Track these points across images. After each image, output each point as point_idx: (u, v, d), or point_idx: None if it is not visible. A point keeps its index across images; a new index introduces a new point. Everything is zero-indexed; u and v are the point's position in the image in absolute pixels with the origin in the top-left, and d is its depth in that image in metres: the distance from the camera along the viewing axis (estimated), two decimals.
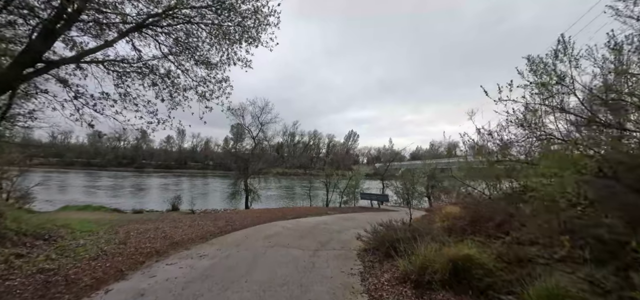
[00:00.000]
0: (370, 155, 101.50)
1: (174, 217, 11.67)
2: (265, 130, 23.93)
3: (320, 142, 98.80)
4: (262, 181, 25.94)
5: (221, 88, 9.03)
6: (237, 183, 24.69)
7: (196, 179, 66.38)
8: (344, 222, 10.85)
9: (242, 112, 22.96)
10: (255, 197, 24.53)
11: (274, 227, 9.26)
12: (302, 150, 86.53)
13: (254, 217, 11.58)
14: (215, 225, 9.51)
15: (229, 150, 26.64)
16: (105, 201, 33.23)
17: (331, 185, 25.94)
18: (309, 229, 9.15)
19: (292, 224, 10.14)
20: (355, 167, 31.94)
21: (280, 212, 13.83)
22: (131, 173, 73.44)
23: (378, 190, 27.13)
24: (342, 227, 9.68)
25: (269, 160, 27.80)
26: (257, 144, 24.03)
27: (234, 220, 10.90)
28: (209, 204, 32.42)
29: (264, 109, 23.20)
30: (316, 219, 11.67)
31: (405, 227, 6.86)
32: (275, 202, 32.74)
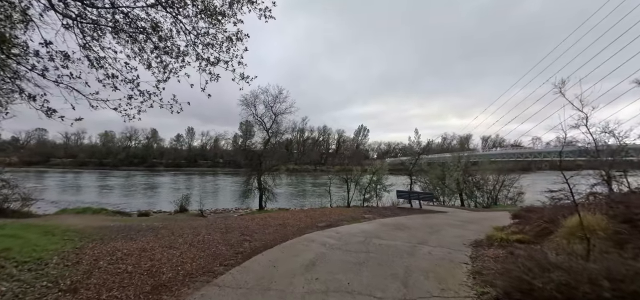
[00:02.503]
0: (380, 150, 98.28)
1: (175, 228, 8.82)
2: (280, 121, 20.96)
3: (329, 137, 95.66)
4: (275, 178, 23.06)
5: (230, 48, 6.17)
6: (249, 181, 21.86)
7: (206, 176, 64.04)
8: (396, 233, 7.86)
9: (253, 100, 20.07)
10: (269, 196, 21.68)
11: (310, 246, 6.29)
12: (311, 146, 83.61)
13: (276, 226, 8.65)
14: (226, 242, 6.59)
15: (239, 147, 23.77)
16: (114, 201, 30.84)
17: (352, 182, 22.92)
18: (359, 247, 6.18)
19: (332, 237, 7.17)
20: (378, 162, 28.83)
21: (307, 216, 10.89)
22: (142, 172, 71.56)
23: (404, 186, 24.02)
24: (401, 241, 6.69)
25: (282, 156, 24.90)
26: (270, 136, 21.11)
27: (251, 230, 7.99)
28: (220, 203, 29.72)
29: (277, 98, 20.26)
30: (356, 227, 8.70)
31: (568, 260, 3.79)
32: (288, 201, 29.88)
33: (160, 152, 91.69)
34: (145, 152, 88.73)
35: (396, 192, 17.39)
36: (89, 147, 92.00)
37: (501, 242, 6.14)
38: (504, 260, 5.11)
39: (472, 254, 5.70)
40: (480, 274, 4.61)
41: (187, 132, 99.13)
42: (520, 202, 22.79)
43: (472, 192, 22.70)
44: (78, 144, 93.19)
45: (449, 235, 7.52)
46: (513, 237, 6.14)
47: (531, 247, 5.74)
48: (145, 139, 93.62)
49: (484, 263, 5.05)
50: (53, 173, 65.82)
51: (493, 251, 5.72)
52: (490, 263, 5.00)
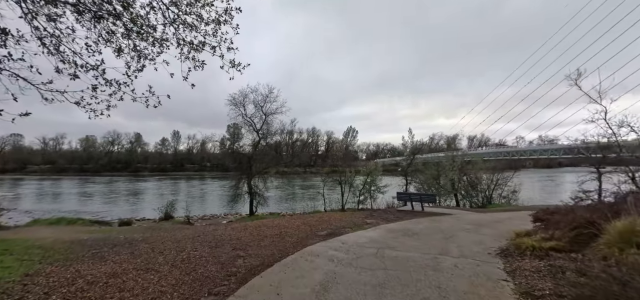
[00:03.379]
0: (369, 151, 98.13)
1: (157, 241, 7.67)
2: (270, 121, 19.87)
3: (318, 139, 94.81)
4: (266, 182, 21.93)
5: (218, 29, 5.17)
6: (238, 185, 20.66)
7: (193, 181, 61.98)
8: (408, 241, 7.00)
9: (242, 99, 18.92)
10: (260, 201, 20.53)
11: (316, 262, 5.32)
12: (301, 148, 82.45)
13: (272, 237, 7.63)
14: (215, 259, 5.54)
15: (227, 150, 22.54)
16: (95, 209, 28.87)
17: (346, 184, 22.07)
18: (374, 263, 5.26)
19: (338, 249, 6.23)
20: (372, 163, 28.08)
21: (304, 223, 9.89)
22: (126, 177, 68.67)
23: (399, 187, 23.35)
24: (418, 252, 5.82)
25: (273, 158, 23.76)
26: (261, 137, 19.99)
27: (245, 243, 6.95)
28: (208, 208, 28.25)
29: (268, 97, 19.18)
30: (362, 235, 7.79)
31: None
32: (278, 205, 28.72)
33: (144, 157, 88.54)
34: (128, 157, 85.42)
35: (396, 194, 16.61)
36: (68, 153, 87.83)
37: (534, 250, 5.34)
38: (549, 274, 4.30)
39: (506, 267, 4.87)
40: (532, 295, 3.76)
41: (173, 135, 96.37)
42: (514, 201, 22.48)
43: (467, 191, 22.21)
44: (57, 149, 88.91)
45: (467, 243, 6.70)
46: (546, 245, 5.36)
47: (572, 256, 4.97)
48: (128, 144, 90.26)
49: (527, 280, 4.22)
50: (30, 180, 62.18)
51: (529, 263, 4.91)
52: (535, 280, 4.17)
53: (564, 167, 76.14)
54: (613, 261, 4.35)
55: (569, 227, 5.73)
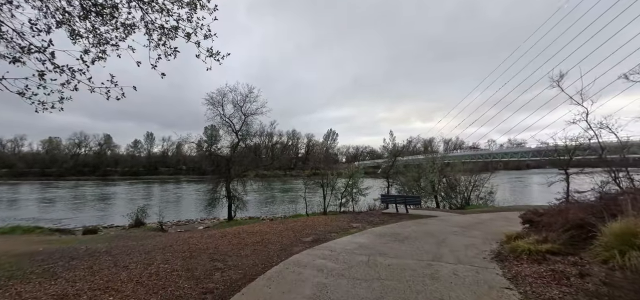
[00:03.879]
0: (349, 153, 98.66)
1: (122, 252, 6.83)
2: (250, 122, 19.08)
3: (299, 142, 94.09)
4: (246, 185, 21.03)
5: (192, 16, 4.58)
6: (216, 188, 19.66)
7: (167, 185, 59.26)
8: (399, 246, 6.66)
9: (221, 99, 18.02)
10: (239, 205, 19.64)
11: (304, 274, 4.80)
12: (280, 150, 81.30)
13: (254, 245, 7.01)
14: (189, 274, 4.87)
15: (205, 153, 21.46)
16: (57, 216, 26.51)
17: (328, 186, 21.63)
18: (367, 272, 4.82)
19: (326, 257, 5.74)
20: (354, 165, 27.91)
21: (287, 228, 9.32)
22: (94, 182, 64.45)
23: (380, 189, 23.26)
24: (412, 258, 5.46)
25: (253, 160, 22.89)
26: (240, 139, 19.15)
27: (223, 252, 6.29)
28: (183, 213, 26.76)
29: (247, 97, 18.39)
30: (349, 241, 7.35)
31: None
32: (258, 209, 27.81)
33: (115, 160, 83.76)
34: (97, 160, 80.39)
35: (380, 196, 16.38)
36: (29, 156, 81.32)
37: (530, 254, 5.12)
38: (553, 280, 4.04)
39: (505, 273, 4.59)
40: None
41: (146, 137, 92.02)
42: (490, 202, 23.04)
43: (447, 193, 22.48)
44: (15, 152, 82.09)
45: (459, 246, 6.44)
46: (542, 248, 5.15)
47: (570, 259, 4.78)
48: (97, 146, 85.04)
49: (532, 287, 3.93)
50: None
51: (529, 268, 4.66)
52: (541, 287, 3.89)
53: (531, 169, 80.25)
54: (615, 265, 4.18)
55: (562, 229, 5.59)
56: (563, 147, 25.06)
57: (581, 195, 5.45)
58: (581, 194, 5.41)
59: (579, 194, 5.55)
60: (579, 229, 5.37)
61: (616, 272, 4.06)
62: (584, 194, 5.55)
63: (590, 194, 6.77)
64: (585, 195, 6.02)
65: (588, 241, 5.12)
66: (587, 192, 5.43)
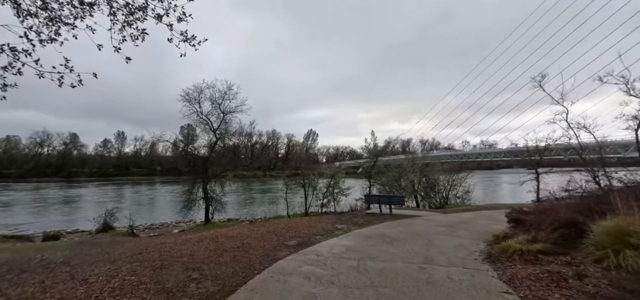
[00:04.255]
0: (329, 153, 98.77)
1: (83, 262, 6.07)
2: (229, 121, 18.27)
3: (279, 142, 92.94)
4: (222, 185, 20.14)
5: None
6: (192, 190, 18.68)
7: (140, 186, 56.45)
8: (387, 248, 6.40)
9: (198, 95, 17.10)
10: (217, 207, 18.78)
11: (290, 283, 4.37)
12: (260, 150, 79.86)
13: (234, 250, 6.48)
14: (159, 287, 4.30)
15: (181, 152, 20.38)
16: (16, 221, 24.24)
17: (309, 187, 21.23)
18: (358, 279, 4.48)
19: (313, 262, 5.34)
20: (336, 165, 27.71)
21: (269, 231, 8.81)
22: (58, 184, 60.08)
23: (362, 189, 23.14)
24: (402, 262, 5.19)
25: (232, 160, 22.01)
26: (218, 138, 18.30)
27: (199, 260, 5.73)
28: (157, 216, 25.34)
29: (226, 94, 17.59)
30: (335, 244, 7.00)
31: None
32: (237, 210, 26.87)
33: (81, 160, 78.70)
34: (61, 161, 75.12)
35: (364, 196, 16.19)
36: None
37: (522, 254, 4.99)
38: (551, 282, 3.87)
39: (500, 276, 4.40)
40: None
41: (117, 136, 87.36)
42: (468, 201, 23.59)
43: (427, 192, 22.76)
44: None
45: (448, 247, 6.25)
46: (533, 248, 5.04)
47: (563, 259, 4.68)
48: (62, 145, 79.55)
49: (531, 291, 3.73)
50: None
51: (523, 269, 4.50)
52: (540, 291, 3.70)
53: (501, 168, 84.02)
54: (611, 265, 4.10)
55: (551, 228, 5.53)
56: (534, 148, 26.20)
57: (570, 192, 5.47)
58: (569, 192, 5.43)
59: (567, 192, 5.57)
60: (568, 228, 5.32)
61: (612, 272, 3.98)
62: (568, 191, 5.57)
63: (565, 192, 6.83)
64: (565, 193, 6.04)
65: (578, 240, 5.06)
66: (568, 190, 5.46)
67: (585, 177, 8.01)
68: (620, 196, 4.93)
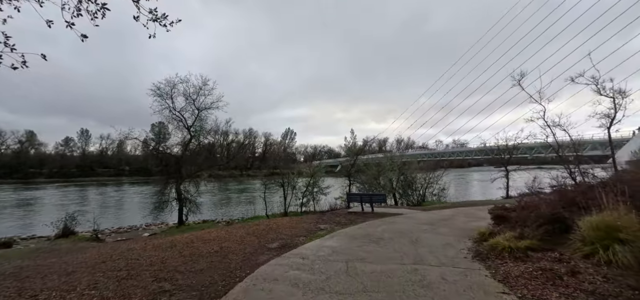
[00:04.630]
0: (307, 153, 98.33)
1: (36, 273, 5.30)
2: (204, 117, 17.35)
3: (256, 141, 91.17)
4: (197, 185, 19.13)
5: None
6: (164, 190, 17.59)
7: (107, 187, 53.00)
8: (375, 249, 6.17)
9: (170, 90, 16.04)
10: (191, 208, 17.82)
11: (276, 290, 3.97)
12: (237, 150, 77.87)
13: (211, 255, 5.95)
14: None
15: (152, 151, 19.14)
16: None
17: (289, 186, 20.77)
18: (350, 284, 4.17)
19: (299, 267, 4.97)
20: (316, 163, 27.41)
21: (249, 233, 8.31)
22: (12, 185, 54.99)
23: (342, 188, 23.04)
24: (393, 262, 4.97)
25: (207, 160, 20.99)
26: (193, 135, 17.34)
27: (172, 267, 5.16)
28: (126, 219, 23.70)
29: (201, 90, 16.67)
30: (320, 245, 6.68)
31: None
32: (213, 211, 25.81)
33: (40, 160, 72.62)
34: (16, 160, 68.82)
35: (346, 195, 15.98)
36: None
37: (511, 251, 4.92)
38: (546, 280, 3.77)
39: (494, 274, 4.27)
40: None
41: (80, 134, 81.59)
42: (443, 198, 24.17)
43: (405, 190, 23.02)
44: None
45: (435, 246, 6.12)
46: (521, 245, 4.99)
47: (552, 256, 4.65)
48: (16, 144, 72.95)
49: (529, 290, 3.60)
50: None
51: (515, 267, 4.41)
52: (537, 290, 3.57)
53: (472, 167, 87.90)
54: (601, 260, 4.09)
55: (535, 224, 5.54)
56: (504, 147, 27.36)
57: (554, 187, 5.56)
58: (554, 187, 5.52)
59: (553, 187, 5.66)
60: (553, 223, 5.34)
61: (603, 268, 3.96)
62: (553, 187, 5.67)
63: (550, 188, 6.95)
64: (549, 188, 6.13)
65: (563, 235, 5.08)
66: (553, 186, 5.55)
67: (561, 173, 8.27)
68: (600, 192, 4.99)
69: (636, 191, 4.51)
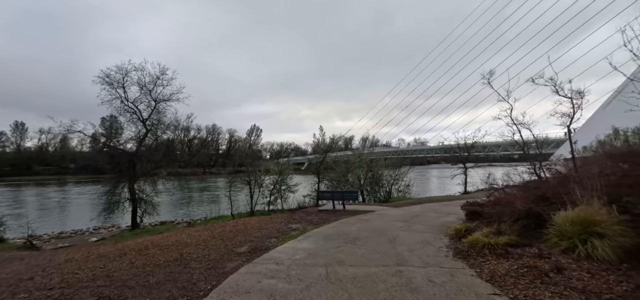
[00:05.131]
0: (273, 150, 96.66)
1: None
2: (163, 110, 15.83)
3: (219, 137, 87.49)
4: (154, 184, 17.48)
5: None
6: (116, 190, 15.82)
7: (48, 187, 47.24)
8: (353, 250, 5.81)
9: (122, 78, 14.33)
10: (147, 209, 16.24)
11: None
12: (199, 146, 74.01)
13: (169, 265, 5.16)
14: None
15: (102, 147, 17.14)
16: None
17: (256, 184, 19.86)
18: (333, 293, 3.73)
19: (274, 275, 4.42)
20: (284, 160, 26.64)
21: (214, 236, 7.53)
22: None
23: (311, 185, 22.60)
24: (375, 265, 4.63)
25: (166, 157, 19.28)
26: (149, 130, 15.75)
27: (121, 281, 4.33)
28: (69, 222, 21.04)
29: (159, 80, 15.16)
30: (294, 248, 6.17)
31: None
32: (172, 212, 23.87)
33: None
34: None
35: (318, 192, 15.57)
36: None
37: (491, 248, 4.84)
38: (535, 278, 3.64)
39: (479, 273, 4.10)
40: None
41: (15, 128, 71.98)
42: (408, 194, 24.85)
43: (372, 187, 23.25)
44: None
45: (414, 244, 5.92)
46: (500, 241, 4.93)
47: (531, 251, 4.62)
48: None
49: (519, 290, 3.42)
50: None
51: (498, 265, 4.28)
52: (528, 289, 3.39)
53: (430, 164, 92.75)
54: (581, 255, 4.09)
55: (511, 219, 5.55)
56: (463, 145, 28.84)
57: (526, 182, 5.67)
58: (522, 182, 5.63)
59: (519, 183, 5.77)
60: (528, 218, 5.38)
61: (584, 262, 3.96)
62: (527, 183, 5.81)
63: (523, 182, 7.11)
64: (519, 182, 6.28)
65: (539, 230, 5.12)
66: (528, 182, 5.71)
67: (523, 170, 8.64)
68: (573, 186, 5.09)
69: (610, 185, 4.61)
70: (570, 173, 5.78)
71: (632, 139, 9.88)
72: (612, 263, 3.70)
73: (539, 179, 7.68)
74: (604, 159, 6.44)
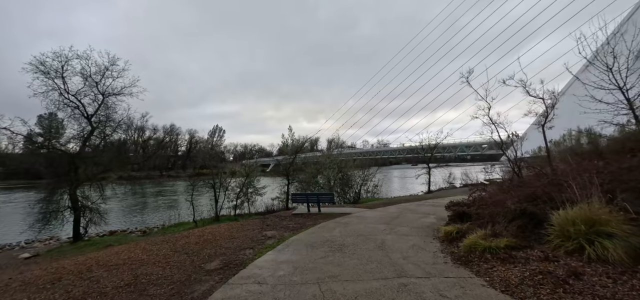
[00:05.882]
0: (237, 151, 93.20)
1: None
2: (112, 106, 13.85)
3: (178, 138, 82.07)
4: (101, 190, 15.26)
5: None
6: (54, 197, 13.52)
7: None
8: (342, 260, 5.17)
9: (61, 67, 12.19)
10: (93, 218, 14.12)
11: None
12: (155, 148, 68.63)
13: (120, 290, 4.07)
14: None
15: (38, 148, 14.59)
16: None
17: (222, 187, 18.43)
18: None
19: (258, 298, 3.62)
20: (252, 162, 25.30)
21: (176, 250, 6.40)
22: None
23: (279, 187, 21.65)
24: (372, 277, 4.04)
25: (116, 159, 17.00)
26: (95, 127, 13.68)
27: None
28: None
29: (108, 71, 13.20)
30: (275, 261, 5.37)
31: None
32: (123, 220, 21.26)
33: None
34: None
35: (291, 196, 14.70)
36: None
37: (493, 252, 4.49)
38: (553, 286, 3.29)
39: (491, 282, 3.69)
40: None
41: None
42: (376, 194, 24.97)
43: (342, 188, 22.93)
44: None
45: (404, 250, 5.44)
46: (500, 243, 4.62)
47: (533, 254, 4.33)
48: None
49: None
50: None
51: (508, 270, 3.91)
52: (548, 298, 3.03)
53: (392, 165, 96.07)
54: (591, 257, 3.86)
55: (505, 220, 5.32)
56: (427, 146, 29.78)
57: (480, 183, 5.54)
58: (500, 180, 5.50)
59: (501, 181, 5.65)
60: (523, 218, 5.17)
61: (597, 265, 3.72)
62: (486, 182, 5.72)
63: None
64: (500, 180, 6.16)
65: (536, 231, 4.90)
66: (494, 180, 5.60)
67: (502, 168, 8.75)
68: (571, 185, 4.97)
69: (605, 183, 4.50)
70: (566, 170, 5.67)
71: (583, 138, 10.47)
72: (627, 265, 3.48)
73: (519, 178, 7.72)
74: (577, 157, 6.57)
